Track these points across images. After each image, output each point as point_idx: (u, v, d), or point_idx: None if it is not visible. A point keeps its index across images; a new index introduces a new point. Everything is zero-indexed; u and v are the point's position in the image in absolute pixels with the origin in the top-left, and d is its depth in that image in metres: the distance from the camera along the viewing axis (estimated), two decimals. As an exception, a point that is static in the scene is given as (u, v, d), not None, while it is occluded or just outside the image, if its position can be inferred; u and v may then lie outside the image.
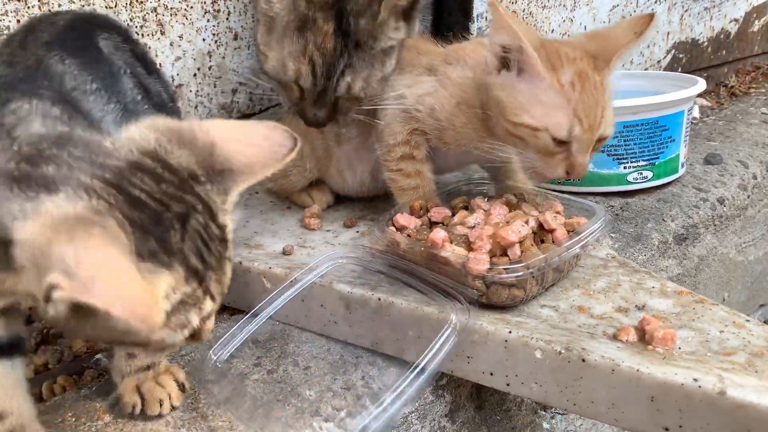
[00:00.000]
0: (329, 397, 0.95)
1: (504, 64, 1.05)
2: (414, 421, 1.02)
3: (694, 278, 1.56)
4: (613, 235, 1.40)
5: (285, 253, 1.21)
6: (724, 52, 2.51)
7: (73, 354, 1.15)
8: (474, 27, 1.71)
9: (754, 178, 1.75)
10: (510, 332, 0.91)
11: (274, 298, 1.01)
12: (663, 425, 0.82)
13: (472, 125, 1.12)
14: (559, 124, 1.00)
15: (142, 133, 0.66)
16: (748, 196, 1.71)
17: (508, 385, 0.93)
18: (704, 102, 2.39)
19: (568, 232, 1.05)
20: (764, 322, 2.11)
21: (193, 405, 0.93)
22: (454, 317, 0.89)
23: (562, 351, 0.87)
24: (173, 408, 0.90)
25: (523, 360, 0.90)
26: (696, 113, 2.25)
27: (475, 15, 1.71)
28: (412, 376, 0.83)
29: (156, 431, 0.88)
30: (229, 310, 1.16)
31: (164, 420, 0.89)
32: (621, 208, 1.51)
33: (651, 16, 1.05)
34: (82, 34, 0.88)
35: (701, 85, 1.55)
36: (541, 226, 1.05)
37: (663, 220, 1.47)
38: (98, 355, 1.11)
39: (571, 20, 1.94)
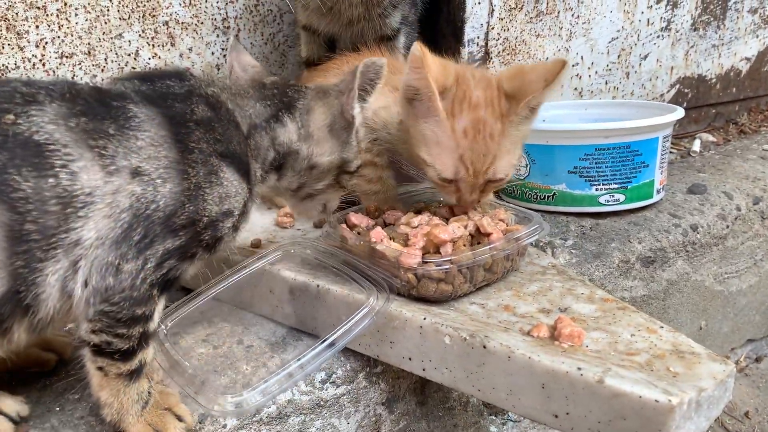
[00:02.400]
0: (263, 372, 1.04)
1: (413, 98, 1.14)
2: (346, 404, 1.09)
3: (662, 301, 1.59)
4: (573, 251, 1.45)
5: (253, 246, 1.30)
6: (734, 89, 2.52)
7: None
8: (465, 51, 1.80)
9: (738, 209, 1.77)
10: (425, 319, 0.98)
11: (224, 279, 1.10)
12: (553, 412, 0.87)
13: (408, 143, 1.21)
14: (446, 165, 1.13)
15: None
16: (728, 227, 1.72)
17: (424, 369, 0.99)
18: (709, 137, 2.41)
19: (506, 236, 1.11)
20: (755, 359, 2.09)
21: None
22: (372, 300, 0.97)
23: (467, 337, 0.93)
24: None
25: (434, 345, 0.97)
26: (696, 147, 2.28)
27: (466, 40, 1.80)
28: (321, 347, 0.91)
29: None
30: (185, 290, 1.26)
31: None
32: (590, 228, 1.56)
33: (562, 64, 1.11)
34: None
35: (676, 113, 1.60)
36: (479, 230, 1.12)
37: (629, 241, 1.51)
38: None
39: (567, 50, 2.01)
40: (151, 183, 0.82)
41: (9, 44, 1.46)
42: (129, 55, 1.62)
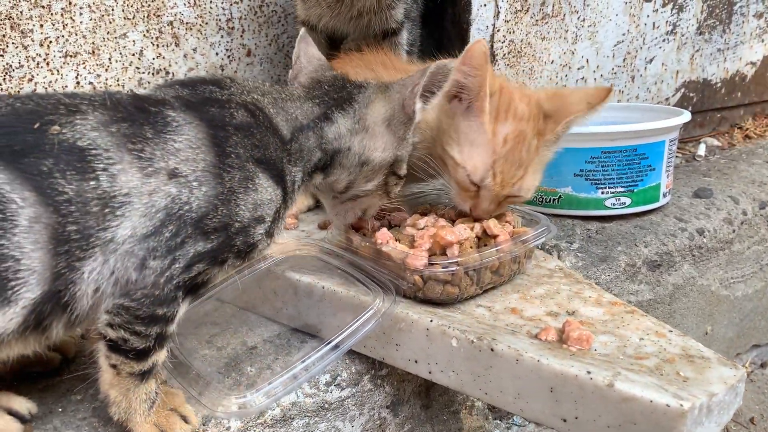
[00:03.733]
0: (267, 374, 1.02)
1: (456, 96, 1.13)
2: (351, 407, 1.08)
3: (668, 306, 1.57)
4: (579, 254, 1.44)
5: (257, 247, 1.30)
6: (739, 94, 2.52)
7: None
8: (470, 53, 1.79)
9: (744, 214, 1.76)
10: (431, 321, 0.97)
11: (228, 280, 1.09)
12: (561, 416, 0.86)
13: (427, 142, 1.20)
14: (477, 168, 1.11)
15: None
16: (734, 231, 1.71)
17: (430, 372, 0.98)
18: (714, 142, 2.40)
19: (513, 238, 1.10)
20: (761, 365, 2.08)
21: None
22: (378, 302, 0.96)
23: (474, 340, 0.92)
24: None
25: (441, 348, 0.96)
26: (701, 151, 2.27)
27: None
28: (326, 349, 0.90)
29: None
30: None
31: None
32: (596, 231, 1.55)
33: (608, 91, 1.12)
34: None
35: (683, 116, 1.59)
36: (486, 232, 1.11)
37: (635, 244, 1.50)
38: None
39: (573, 53, 2.00)
40: (187, 185, 0.82)
41: (13, 43, 1.45)
42: (133, 54, 1.62)
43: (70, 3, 1.50)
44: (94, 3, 1.53)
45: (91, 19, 1.54)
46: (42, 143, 0.78)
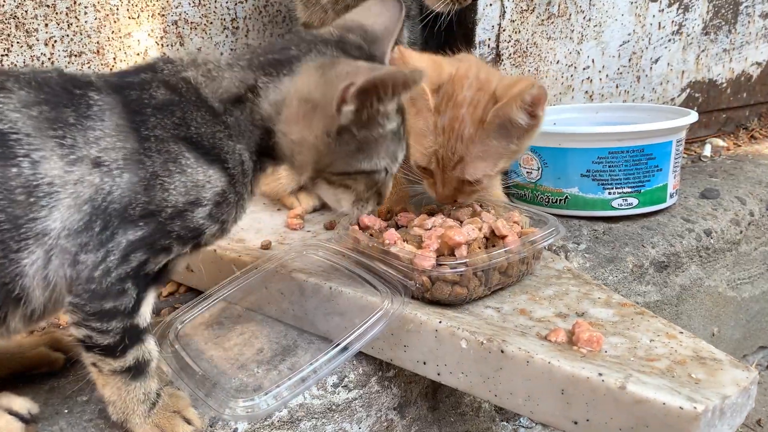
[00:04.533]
0: (275, 375, 1.02)
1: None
2: (358, 409, 1.07)
3: (675, 307, 1.56)
4: (587, 255, 1.43)
5: (263, 247, 1.29)
6: (745, 94, 2.51)
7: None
8: (476, 53, 1.79)
9: (751, 215, 1.75)
10: (440, 322, 0.96)
11: (234, 281, 1.08)
12: (572, 419, 0.85)
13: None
14: (421, 155, 1.20)
15: None
16: (741, 232, 1.70)
17: (438, 374, 0.98)
18: (720, 142, 2.39)
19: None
20: (767, 367, 2.07)
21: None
22: (386, 303, 0.95)
23: (484, 341, 0.91)
24: None
25: (450, 349, 0.95)
26: (707, 152, 2.26)
27: (477, 42, 1.78)
28: (334, 351, 0.89)
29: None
30: (196, 292, 1.25)
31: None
32: (603, 232, 1.54)
33: (530, 84, 1.10)
34: None
35: (690, 117, 1.58)
36: (494, 232, 1.10)
37: (642, 245, 1.49)
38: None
39: (578, 53, 1.99)
40: (109, 174, 0.79)
41: (18, 42, 1.44)
42: (138, 54, 1.61)
43: (75, 2, 1.49)
44: (98, 2, 1.53)
45: (96, 19, 1.53)
46: None
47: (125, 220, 0.79)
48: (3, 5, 1.41)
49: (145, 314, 0.84)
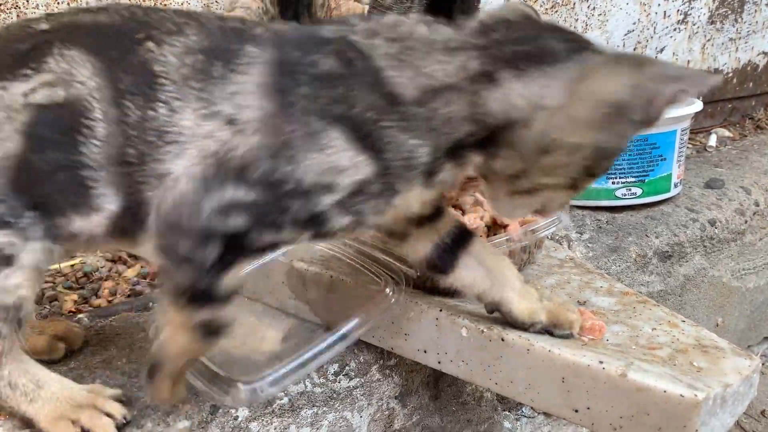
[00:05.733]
0: (276, 363, 1.01)
1: None
2: (359, 397, 1.07)
3: (679, 297, 1.56)
4: (590, 245, 1.43)
5: (265, 237, 1.29)
6: (751, 84, 2.49)
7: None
8: (479, 42, 1.78)
9: (756, 204, 1.74)
10: (441, 310, 0.95)
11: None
12: (573, 407, 0.85)
13: None
14: None
15: None
16: (746, 222, 1.69)
17: (439, 362, 0.97)
18: (725, 132, 2.38)
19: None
20: (772, 359, 2.06)
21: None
22: (387, 291, 0.95)
23: (485, 330, 0.91)
24: None
25: (451, 337, 0.95)
26: (712, 142, 2.25)
27: (480, 31, 1.77)
28: (334, 338, 0.89)
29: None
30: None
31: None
32: (607, 221, 1.53)
33: None
34: None
35: (695, 106, 1.57)
36: (495, 221, 1.10)
37: (646, 235, 1.48)
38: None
39: (582, 42, 1.98)
40: (240, 132, 0.74)
41: (20, 32, 1.44)
42: (140, 44, 1.61)
43: (76, -8, 1.49)
44: (100, -8, 1.52)
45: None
46: (134, 56, 0.76)
47: (240, 178, 0.74)
48: (4, -5, 1.41)
49: (232, 283, 0.80)
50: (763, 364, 1.97)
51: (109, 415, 0.85)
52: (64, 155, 0.78)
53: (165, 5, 1.60)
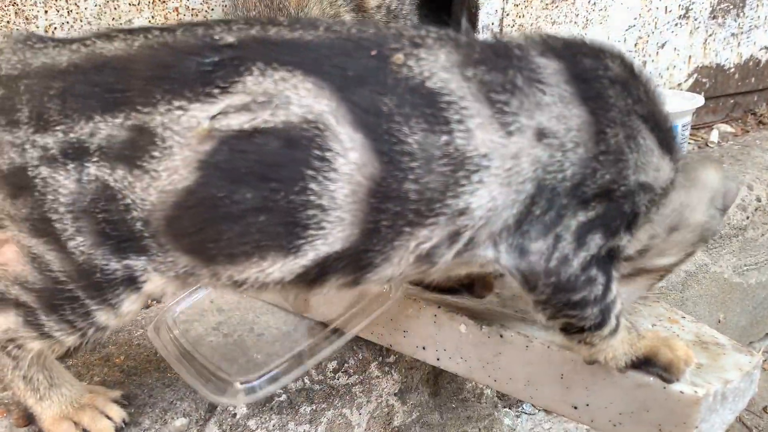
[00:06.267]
0: (274, 360, 1.01)
1: None
2: (358, 394, 1.07)
3: (680, 293, 1.55)
4: (590, 241, 1.42)
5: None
6: (753, 79, 2.47)
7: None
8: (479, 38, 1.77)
9: (758, 200, 1.73)
10: (439, 307, 0.95)
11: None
12: (572, 403, 0.85)
13: None
14: None
15: None
16: (748, 218, 1.68)
17: (438, 359, 0.97)
18: (727, 128, 2.36)
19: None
20: (777, 356, 2.05)
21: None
22: (386, 288, 0.94)
23: (483, 326, 0.90)
24: None
25: (449, 334, 0.94)
26: (714, 138, 2.24)
27: (480, 27, 1.76)
28: (332, 335, 0.89)
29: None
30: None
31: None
32: (607, 218, 1.52)
33: None
34: None
35: (696, 101, 1.56)
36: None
37: (647, 231, 1.48)
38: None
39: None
40: (560, 147, 0.68)
41: (18, 29, 1.44)
42: (139, 41, 1.60)
43: (74, -12, 1.49)
44: (98, -12, 1.52)
45: (96, 5, 1.52)
46: (383, 74, 0.66)
47: (575, 200, 0.70)
48: (2, -8, 1.41)
49: (616, 289, 0.76)
50: (765, 360, 1.97)
51: (109, 417, 0.85)
52: (268, 192, 0.64)
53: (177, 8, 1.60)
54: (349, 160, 0.64)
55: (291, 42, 0.68)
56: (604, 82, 0.72)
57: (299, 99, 0.65)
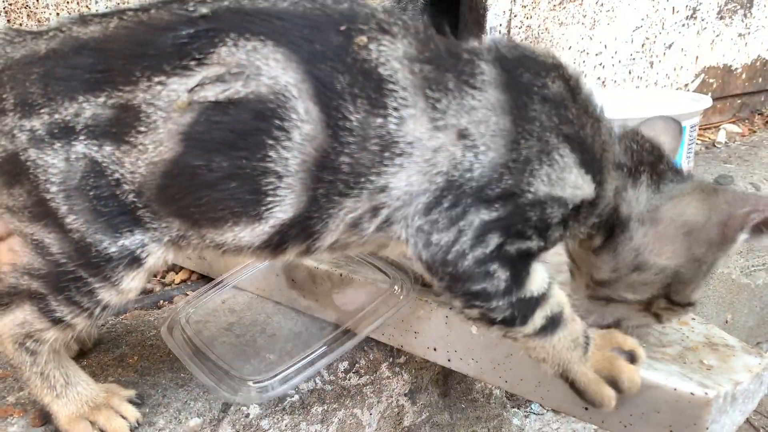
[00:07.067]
0: (286, 360, 1.02)
1: None
2: (369, 394, 1.08)
3: (688, 294, 1.56)
4: (598, 242, 1.43)
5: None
6: (760, 79, 2.48)
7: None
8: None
9: (766, 201, 1.73)
10: (450, 308, 0.96)
11: (245, 268, 1.09)
12: (583, 404, 0.85)
13: None
14: None
15: None
16: (756, 218, 1.69)
17: (449, 360, 0.98)
18: (734, 128, 2.37)
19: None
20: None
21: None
22: (396, 289, 0.95)
23: (495, 328, 0.91)
24: None
25: (461, 336, 0.95)
26: (721, 138, 2.24)
27: (488, 28, 1.77)
28: (344, 336, 0.90)
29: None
30: (207, 279, 1.26)
31: (131, 366, 0.98)
32: (615, 219, 1.53)
33: None
34: None
35: (704, 102, 1.56)
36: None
37: (655, 232, 1.48)
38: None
39: (591, 38, 1.97)
40: (473, 149, 0.72)
41: (30, 31, 1.45)
42: (149, 43, 1.62)
43: (85, -9, 1.50)
44: (109, -9, 1.53)
45: (107, 8, 1.54)
46: (345, 52, 0.70)
47: (480, 200, 0.73)
48: (15, -5, 1.42)
49: (536, 285, 0.77)
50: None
51: (123, 417, 0.86)
52: (238, 160, 0.70)
53: None
54: (302, 132, 0.69)
55: (265, 11, 0.72)
56: (535, 98, 0.75)
57: (269, 70, 0.69)
